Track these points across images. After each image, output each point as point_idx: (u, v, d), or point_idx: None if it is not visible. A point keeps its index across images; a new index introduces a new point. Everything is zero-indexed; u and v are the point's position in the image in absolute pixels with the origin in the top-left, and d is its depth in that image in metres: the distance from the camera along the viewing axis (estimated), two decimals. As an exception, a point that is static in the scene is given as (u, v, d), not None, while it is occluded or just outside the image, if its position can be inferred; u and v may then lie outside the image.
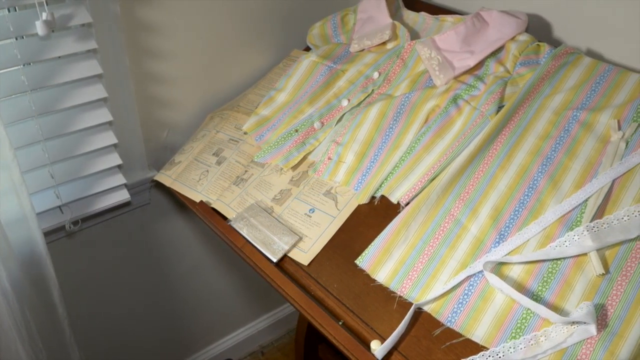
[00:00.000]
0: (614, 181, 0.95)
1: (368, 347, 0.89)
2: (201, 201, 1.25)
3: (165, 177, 1.37)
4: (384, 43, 1.34)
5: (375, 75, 1.29)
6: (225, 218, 1.20)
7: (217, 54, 1.47)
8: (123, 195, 1.40)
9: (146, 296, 1.69)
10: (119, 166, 1.37)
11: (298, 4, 1.56)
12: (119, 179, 1.38)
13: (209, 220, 1.20)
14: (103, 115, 1.29)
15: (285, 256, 1.08)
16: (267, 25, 1.52)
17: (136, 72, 1.33)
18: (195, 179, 1.31)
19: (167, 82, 1.41)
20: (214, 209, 1.23)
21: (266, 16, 1.51)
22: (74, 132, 1.27)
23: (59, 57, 1.20)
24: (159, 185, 1.43)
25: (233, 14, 1.44)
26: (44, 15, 1.10)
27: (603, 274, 0.86)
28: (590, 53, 1.20)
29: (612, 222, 0.89)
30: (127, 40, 1.27)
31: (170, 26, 1.35)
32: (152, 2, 1.29)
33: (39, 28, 1.10)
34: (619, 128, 1.01)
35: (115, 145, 1.35)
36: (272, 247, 1.08)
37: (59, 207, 1.32)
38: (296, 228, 1.11)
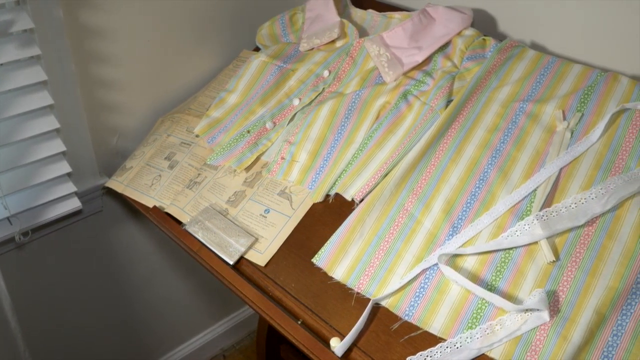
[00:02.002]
0: (560, 170, 0.97)
1: (328, 345, 0.89)
2: (154, 206, 1.23)
3: (117, 184, 1.35)
4: (333, 41, 1.34)
5: (326, 73, 1.29)
6: (179, 222, 1.18)
7: (165, 56, 1.45)
8: (74, 204, 1.37)
9: (103, 305, 1.66)
10: (68, 174, 1.34)
11: (246, 4, 1.55)
12: (69, 187, 1.35)
13: (163, 225, 1.18)
14: (50, 122, 1.26)
15: (241, 258, 1.07)
16: (215, 26, 1.51)
17: (83, 77, 1.30)
18: (148, 184, 1.29)
19: (115, 86, 1.39)
20: (167, 213, 1.21)
21: (214, 17, 1.50)
22: (20, 141, 1.24)
23: (1, 64, 1.17)
24: (111, 192, 1.40)
25: (179, 16, 1.43)
26: (-17, 22, 1.07)
27: (554, 261, 0.88)
28: (534, 46, 1.23)
29: (561, 210, 0.91)
30: (71, 45, 1.24)
31: (116, 29, 1.33)
32: (96, 6, 1.27)
33: (-22, 35, 1.07)
34: (564, 118, 1.03)
35: (63, 153, 1.32)
36: (228, 249, 1.08)
37: (7, 218, 1.28)
38: (252, 229, 1.10)
